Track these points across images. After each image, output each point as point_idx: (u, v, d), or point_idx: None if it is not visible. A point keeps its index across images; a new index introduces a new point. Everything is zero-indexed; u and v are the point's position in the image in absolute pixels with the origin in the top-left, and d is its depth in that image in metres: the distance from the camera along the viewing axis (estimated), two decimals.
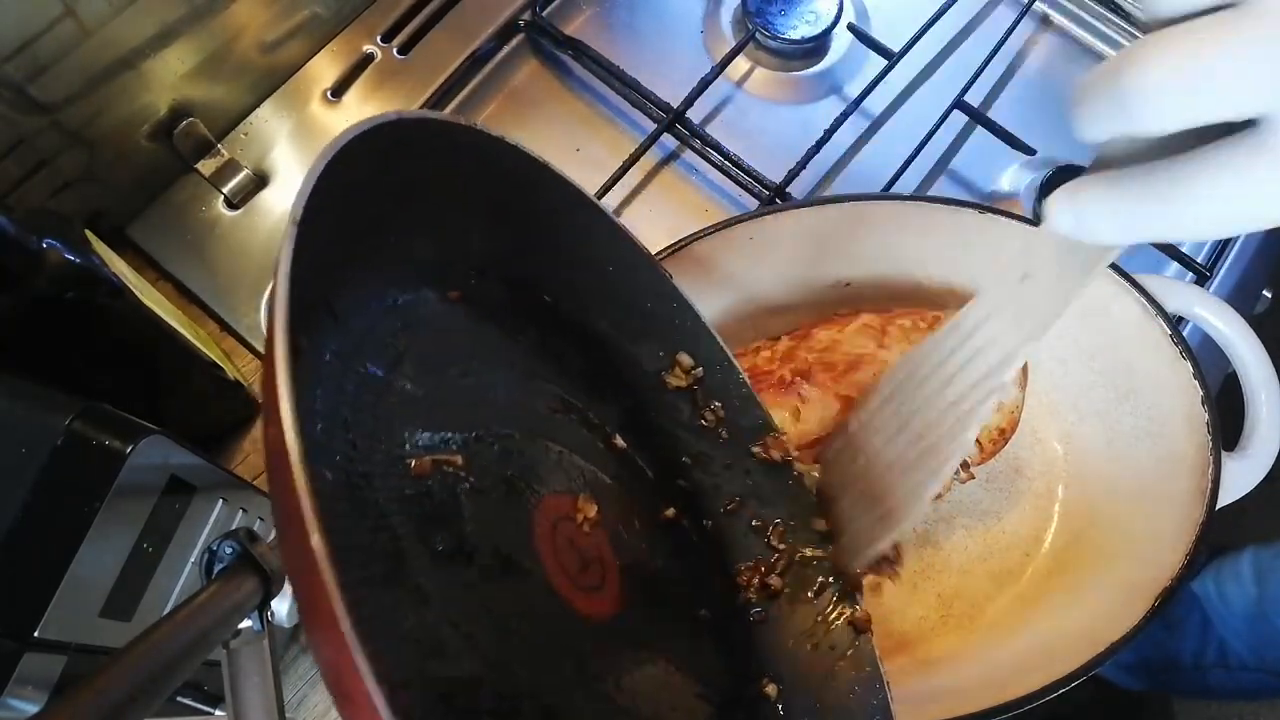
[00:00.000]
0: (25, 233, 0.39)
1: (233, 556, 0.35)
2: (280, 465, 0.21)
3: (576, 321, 0.41)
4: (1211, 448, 0.47)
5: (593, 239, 0.40)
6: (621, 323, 0.42)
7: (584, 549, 0.37)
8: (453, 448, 0.35)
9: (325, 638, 0.21)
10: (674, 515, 0.42)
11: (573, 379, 0.41)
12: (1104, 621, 0.44)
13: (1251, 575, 0.68)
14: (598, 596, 0.37)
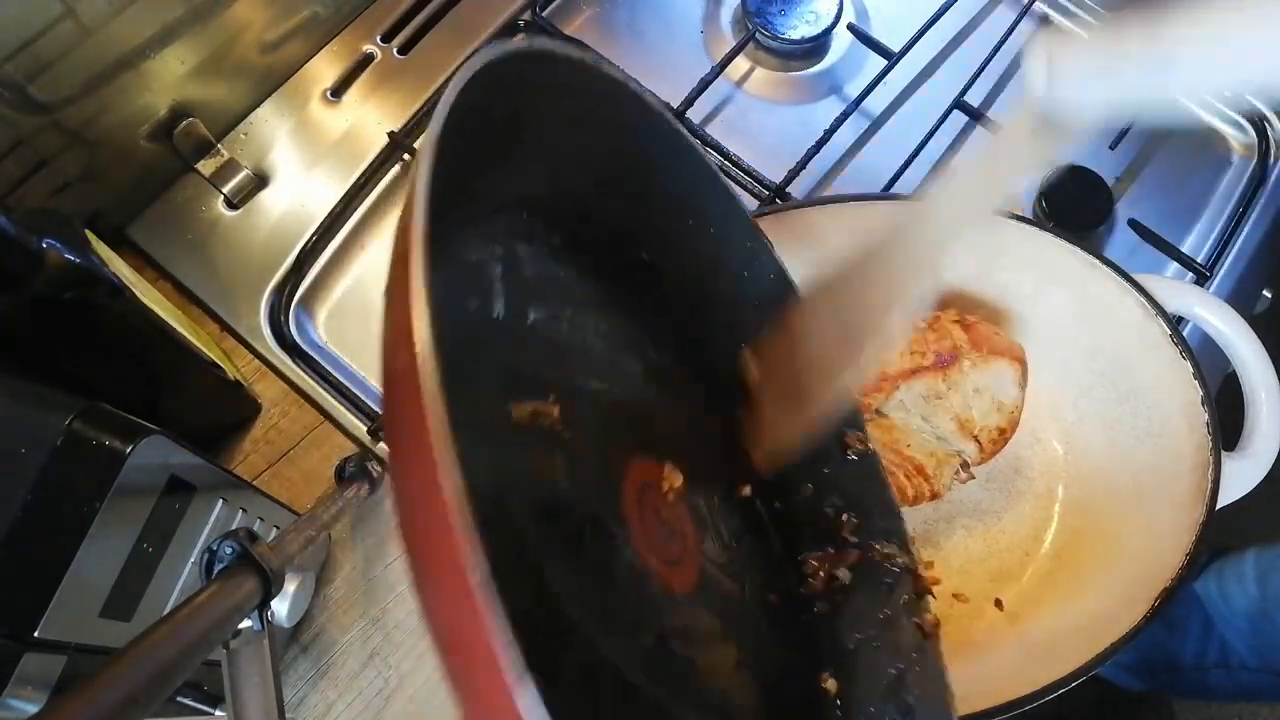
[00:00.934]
0: (25, 233, 0.39)
1: (233, 556, 0.35)
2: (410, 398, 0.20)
3: (673, 283, 0.40)
4: (1211, 448, 0.47)
5: (700, 199, 0.39)
6: (717, 291, 0.41)
7: (667, 519, 0.37)
8: (550, 398, 0.34)
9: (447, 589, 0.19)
10: (749, 494, 0.41)
11: (663, 342, 0.40)
12: (1104, 621, 0.44)
13: (1254, 576, 0.68)
14: (678, 570, 0.36)
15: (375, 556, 0.56)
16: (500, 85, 0.28)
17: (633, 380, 0.38)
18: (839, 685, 0.38)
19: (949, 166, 0.31)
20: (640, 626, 0.33)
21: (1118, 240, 0.64)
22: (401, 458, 0.22)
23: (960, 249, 0.32)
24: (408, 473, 0.21)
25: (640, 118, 0.36)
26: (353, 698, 0.53)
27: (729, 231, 0.41)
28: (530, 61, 0.29)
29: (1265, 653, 0.68)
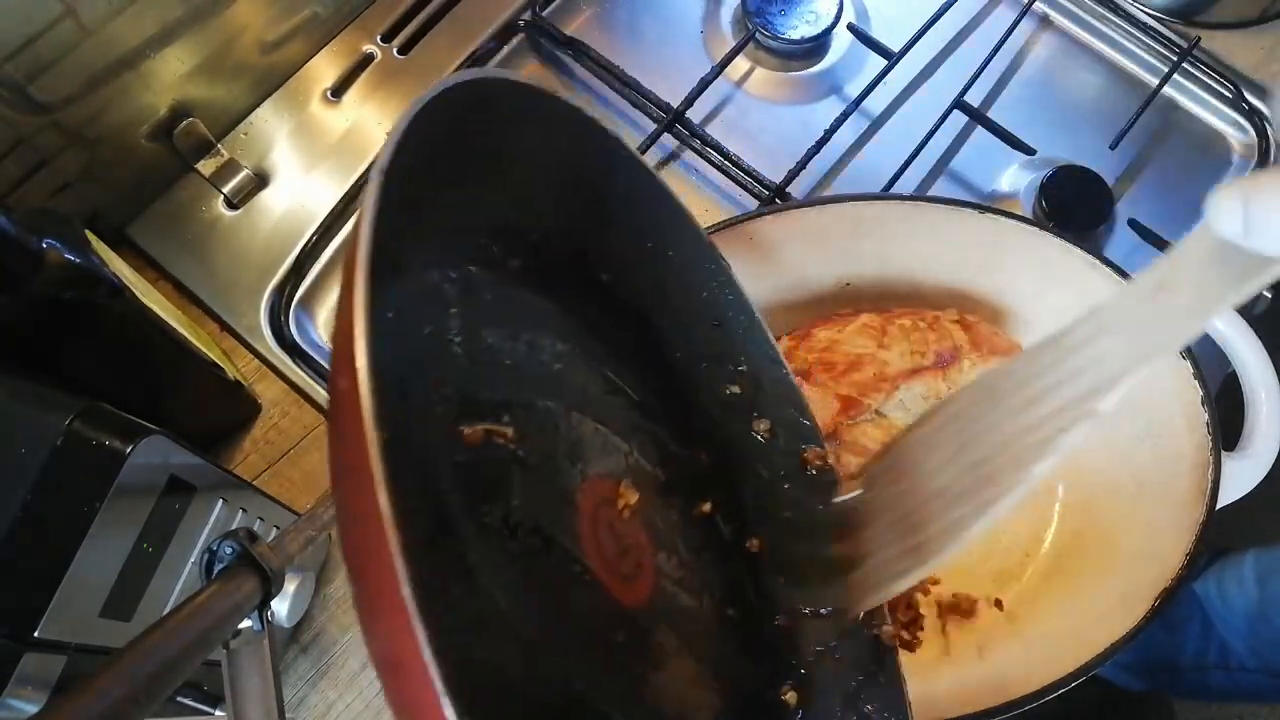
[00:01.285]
0: (25, 233, 0.39)
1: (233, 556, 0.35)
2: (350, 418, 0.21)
3: (631, 304, 0.41)
4: (1211, 448, 0.47)
5: (658, 222, 0.40)
6: (675, 310, 0.42)
7: (623, 535, 0.37)
8: (504, 419, 0.34)
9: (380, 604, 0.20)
10: (709, 510, 0.41)
11: (622, 362, 0.41)
12: (1104, 621, 0.44)
13: (1254, 577, 0.68)
14: (632, 584, 0.36)
15: None
16: (453, 114, 0.29)
17: (589, 399, 0.39)
18: (799, 697, 0.38)
19: (1104, 304, 0.29)
20: (591, 641, 0.34)
21: (1118, 240, 0.64)
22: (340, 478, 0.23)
23: (1120, 392, 0.28)
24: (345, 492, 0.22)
25: (595, 143, 0.37)
26: (353, 698, 0.53)
27: (687, 253, 0.41)
28: (483, 91, 0.30)
29: (1264, 654, 0.68)
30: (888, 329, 0.52)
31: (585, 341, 0.39)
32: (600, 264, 0.40)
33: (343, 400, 0.22)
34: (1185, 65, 0.68)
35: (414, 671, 0.19)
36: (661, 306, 0.42)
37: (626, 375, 0.41)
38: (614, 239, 0.39)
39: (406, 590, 0.19)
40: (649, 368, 0.42)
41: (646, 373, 0.42)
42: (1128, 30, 0.70)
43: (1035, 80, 0.69)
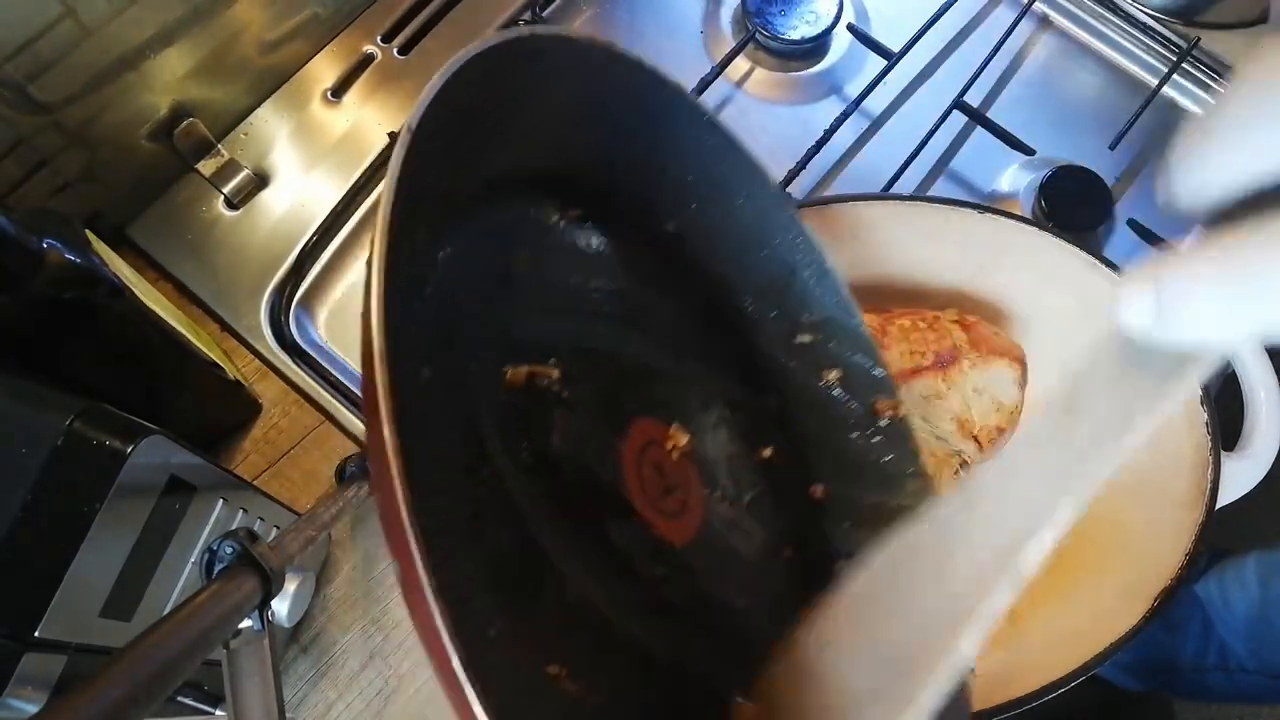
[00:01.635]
0: (25, 233, 0.39)
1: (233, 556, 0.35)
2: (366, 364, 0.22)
3: (699, 253, 0.41)
4: (1211, 448, 0.47)
5: (726, 170, 0.40)
6: (744, 259, 0.42)
7: (669, 475, 0.37)
8: (551, 361, 0.35)
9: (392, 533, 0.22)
10: (769, 456, 0.41)
11: (685, 309, 0.41)
12: (1104, 621, 0.44)
13: (1255, 579, 0.68)
14: (677, 522, 0.37)
15: (375, 556, 0.56)
16: (499, 69, 0.29)
17: (644, 345, 0.39)
18: None
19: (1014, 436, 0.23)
20: (629, 575, 0.34)
21: (1118, 240, 0.64)
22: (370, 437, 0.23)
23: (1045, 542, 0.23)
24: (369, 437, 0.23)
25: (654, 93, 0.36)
26: (353, 698, 0.53)
27: (757, 201, 0.41)
28: (532, 46, 0.30)
29: (1264, 655, 0.68)
30: (887, 329, 0.52)
31: (645, 289, 0.39)
32: (666, 213, 0.40)
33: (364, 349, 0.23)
34: (1185, 65, 0.68)
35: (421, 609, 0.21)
36: (730, 255, 0.41)
37: (689, 323, 0.41)
38: (679, 188, 0.39)
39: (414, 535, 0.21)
40: (715, 315, 0.42)
41: (712, 320, 0.42)
42: (1127, 30, 0.70)
43: (1035, 80, 0.69)
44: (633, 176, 0.38)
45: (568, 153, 0.35)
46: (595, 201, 0.37)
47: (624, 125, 0.36)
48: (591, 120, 0.35)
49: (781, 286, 0.43)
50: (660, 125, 0.37)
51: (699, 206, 0.40)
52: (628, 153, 0.37)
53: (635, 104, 0.36)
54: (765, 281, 0.42)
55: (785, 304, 0.43)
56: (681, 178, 0.39)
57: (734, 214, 0.41)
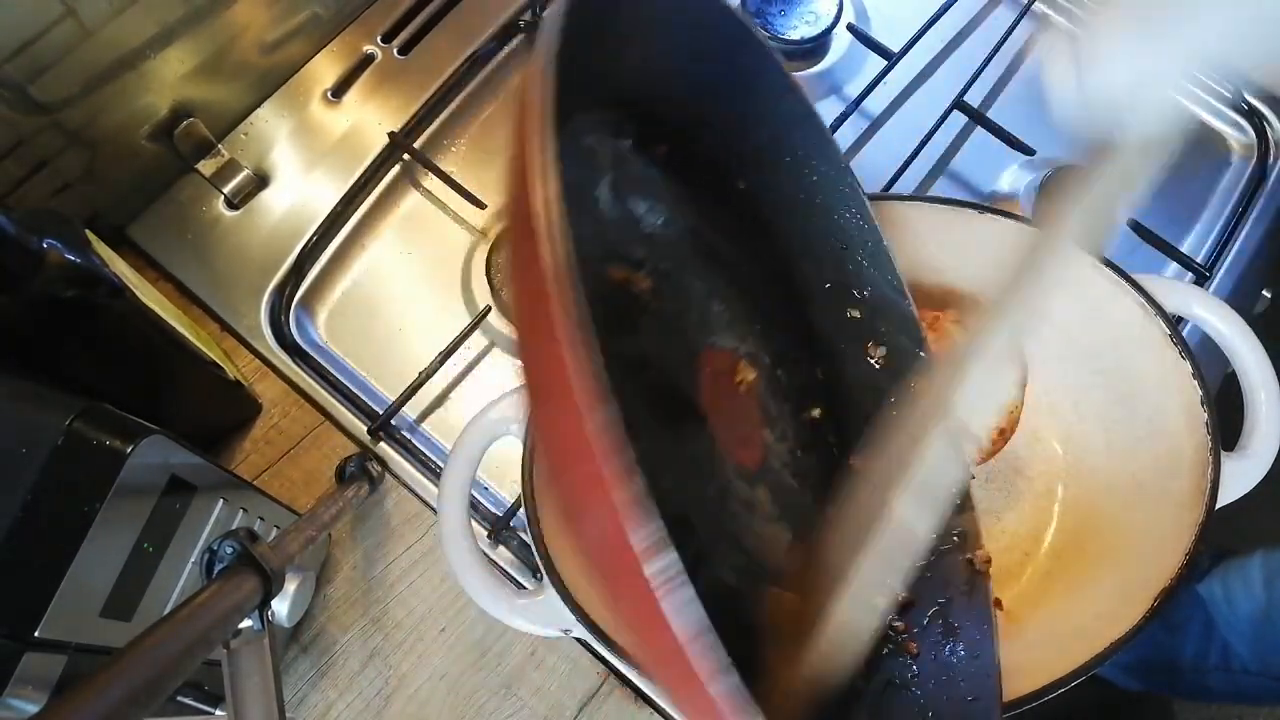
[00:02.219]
0: (25, 233, 0.39)
1: (233, 556, 0.35)
2: (539, 240, 0.22)
3: (765, 215, 0.42)
4: (1211, 448, 0.46)
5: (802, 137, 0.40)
6: (807, 228, 0.43)
7: (738, 405, 0.39)
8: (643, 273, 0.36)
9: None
10: (818, 417, 0.42)
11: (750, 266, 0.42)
12: (1104, 621, 0.44)
13: (1261, 579, 0.68)
14: (745, 448, 0.38)
15: (375, 556, 0.56)
16: None
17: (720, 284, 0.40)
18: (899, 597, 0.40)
19: None
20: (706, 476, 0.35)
21: (1118, 240, 0.64)
22: (522, 297, 0.23)
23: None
24: (529, 313, 0.23)
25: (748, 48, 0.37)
26: (353, 698, 0.53)
27: (827, 173, 0.42)
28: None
29: (1267, 656, 0.67)
30: None
31: (718, 239, 0.40)
32: (740, 170, 0.40)
33: (526, 218, 0.22)
34: None
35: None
36: (794, 222, 0.42)
37: (753, 281, 0.42)
38: (756, 146, 0.40)
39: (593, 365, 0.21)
40: (774, 278, 0.43)
41: (771, 282, 0.43)
42: None
43: (1035, 80, 0.69)
44: (718, 127, 0.39)
45: (668, 88, 0.36)
46: (680, 144, 0.38)
47: (721, 73, 0.37)
48: (695, 60, 0.36)
49: (838, 260, 0.43)
50: (750, 82, 0.38)
51: (771, 168, 0.41)
52: (718, 102, 0.38)
53: (733, 55, 0.37)
54: (823, 252, 0.43)
55: (840, 277, 0.44)
56: (760, 137, 0.40)
57: (802, 181, 0.42)
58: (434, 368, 0.57)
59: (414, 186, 0.64)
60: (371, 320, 0.60)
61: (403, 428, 0.58)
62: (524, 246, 0.22)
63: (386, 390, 0.58)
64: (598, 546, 0.21)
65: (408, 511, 0.56)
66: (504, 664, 0.54)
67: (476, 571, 0.43)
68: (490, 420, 0.46)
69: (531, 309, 0.22)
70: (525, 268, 0.22)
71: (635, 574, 0.20)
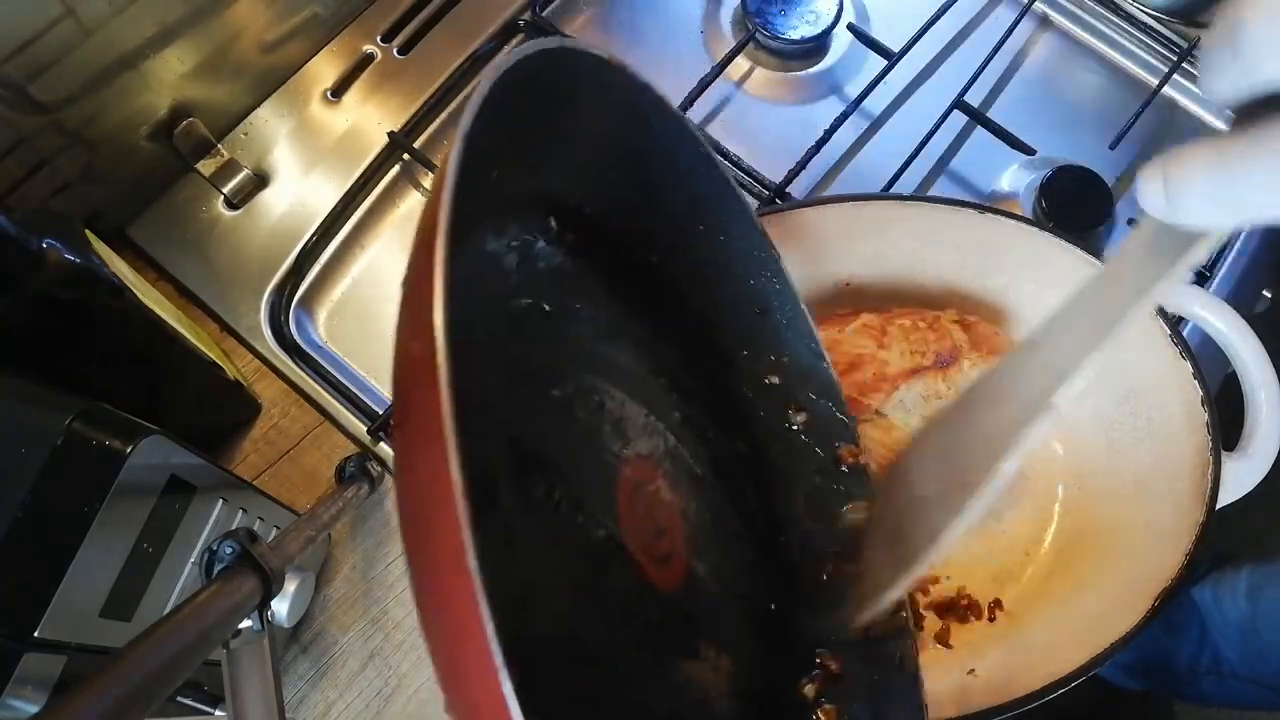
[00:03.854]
0: (25, 233, 0.39)
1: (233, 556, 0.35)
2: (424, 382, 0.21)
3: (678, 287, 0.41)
4: (1211, 448, 0.47)
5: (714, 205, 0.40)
6: (721, 296, 0.42)
7: (659, 518, 0.37)
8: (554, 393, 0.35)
9: (443, 567, 0.20)
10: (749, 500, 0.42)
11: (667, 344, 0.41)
12: (1104, 621, 0.44)
13: (1245, 590, 0.68)
14: (667, 568, 0.37)
15: (375, 556, 0.56)
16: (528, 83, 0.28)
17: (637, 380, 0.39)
18: (817, 690, 0.39)
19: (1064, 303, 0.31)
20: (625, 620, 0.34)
21: (1118, 240, 0.64)
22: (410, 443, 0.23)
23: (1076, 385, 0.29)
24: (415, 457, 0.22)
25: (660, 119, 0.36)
26: (353, 698, 0.53)
27: (739, 239, 0.41)
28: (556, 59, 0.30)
29: (1254, 663, 0.67)
30: (887, 329, 0.52)
31: (632, 322, 0.40)
32: (650, 244, 0.40)
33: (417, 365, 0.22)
34: (1185, 65, 0.67)
35: (474, 640, 0.20)
36: (707, 291, 0.42)
37: (670, 357, 0.41)
38: (667, 218, 0.39)
39: (471, 561, 0.20)
40: (693, 352, 0.42)
41: (690, 356, 0.42)
42: (1128, 30, 0.70)
43: (1035, 80, 0.69)
44: (629, 204, 0.38)
45: (575, 174, 0.35)
46: (588, 227, 0.37)
47: (632, 149, 0.36)
48: (602, 142, 0.35)
49: (755, 326, 0.43)
50: (664, 154, 0.37)
51: (686, 240, 0.40)
52: (630, 179, 0.37)
53: (644, 127, 0.36)
54: (739, 320, 0.43)
55: (756, 344, 0.43)
56: (674, 210, 0.39)
57: (715, 249, 0.41)
58: None
59: (414, 186, 0.64)
60: (371, 320, 0.60)
61: None
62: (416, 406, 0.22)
63: (386, 390, 0.58)
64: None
65: None
66: None
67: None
68: None
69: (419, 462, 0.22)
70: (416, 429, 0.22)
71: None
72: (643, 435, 0.38)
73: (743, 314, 0.43)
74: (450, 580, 0.20)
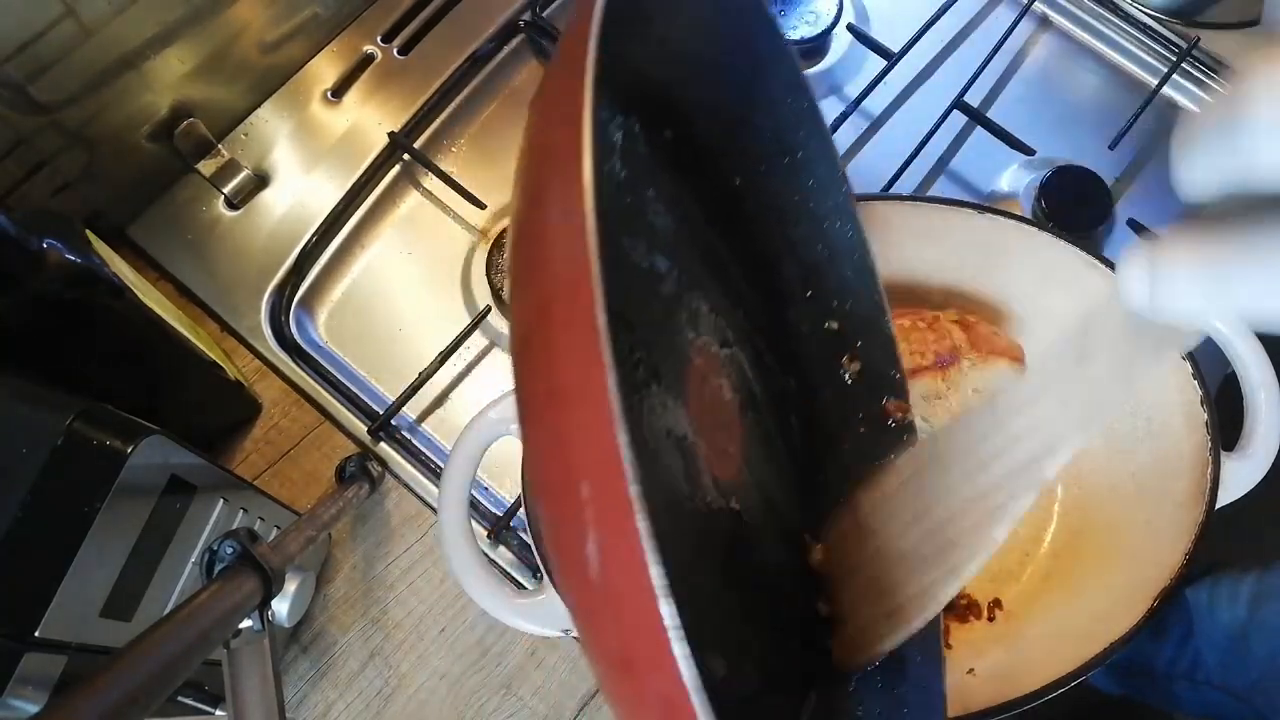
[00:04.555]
0: (25, 233, 0.39)
1: (233, 556, 0.35)
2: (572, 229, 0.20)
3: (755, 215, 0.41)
4: (1211, 448, 0.47)
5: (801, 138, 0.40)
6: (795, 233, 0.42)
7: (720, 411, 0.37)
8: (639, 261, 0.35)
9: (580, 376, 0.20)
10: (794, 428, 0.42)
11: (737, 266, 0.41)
12: (1103, 621, 0.44)
13: (1247, 597, 0.67)
14: (723, 460, 0.37)
15: (375, 556, 0.56)
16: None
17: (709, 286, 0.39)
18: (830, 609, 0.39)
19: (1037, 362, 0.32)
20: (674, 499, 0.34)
21: (1117, 240, 0.64)
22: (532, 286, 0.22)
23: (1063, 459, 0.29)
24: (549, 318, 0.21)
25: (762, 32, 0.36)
26: (353, 698, 0.53)
27: (821, 178, 0.41)
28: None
29: (1232, 671, 0.67)
30: None
31: (709, 231, 0.40)
32: (738, 165, 0.39)
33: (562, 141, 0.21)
34: (1185, 65, 0.68)
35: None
36: (782, 225, 0.42)
37: (738, 276, 0.41)
38: (755, 144, 0.39)
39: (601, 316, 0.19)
40: (759, 282, 0.42)
41: (757, 285, 0.42)
42: (1127, 30, 0.70)
43: (1035, 80, 0.69)
44: (723, 116, 0.38)
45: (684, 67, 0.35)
46: (684, 130, 0.37)
47: (735, 57, 0.36)
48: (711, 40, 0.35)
49: (823, 269, 0.43)
50: (760, 74, 0.37)
51: (769, 167, 0.40)
52: (725, 90, 0.37)
53: (748, 43, 0.36)
54: (808, 259, 0.43)
55: (821, 287, 0.43)
56: (760, 135, 0.39)
57: (797, 184, 0.41)
58: (434, 368, 0.57)
59: (414, 186, 0.64)
60: (371, 320, 0.61)
61: (403, 428, 0.58)
62: (550, 228, 0.21)
63: (386, 390, 0.58)
64: (604, 573, 0.20)
65: (408, 511, 0.57)
66: (504, 664, 0.54)
67: (476, 571, 0.43)
68: (490, 420, 0.46)
69: (557, 283, 0.21)
70: (550, 243, 0.21)
71: (642, 610, 0.19)
72: (712, 333, 0.38)
73: (814, 255, 0.42)
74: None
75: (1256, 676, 0.63)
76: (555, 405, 0.21)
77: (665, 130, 0.37)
